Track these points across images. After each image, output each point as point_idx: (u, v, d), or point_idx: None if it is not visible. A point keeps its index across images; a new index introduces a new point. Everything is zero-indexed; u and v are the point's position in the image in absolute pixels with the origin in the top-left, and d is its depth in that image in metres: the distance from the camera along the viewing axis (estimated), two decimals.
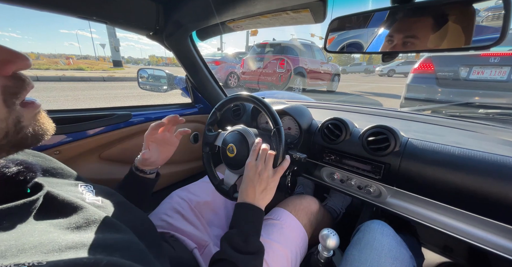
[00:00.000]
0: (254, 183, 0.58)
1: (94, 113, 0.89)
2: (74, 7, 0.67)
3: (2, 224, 0.26)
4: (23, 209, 0.29)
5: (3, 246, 0.24)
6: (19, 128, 0.28)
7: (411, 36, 0.53)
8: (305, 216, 0.77)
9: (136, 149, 1.01)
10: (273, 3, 0.67)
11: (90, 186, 0.47)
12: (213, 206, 0.84)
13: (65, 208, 0.34)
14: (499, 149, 0.64)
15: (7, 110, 0.27)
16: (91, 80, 9.25)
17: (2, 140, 0.27)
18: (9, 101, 0.27)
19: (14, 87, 0.28)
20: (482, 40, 0.47)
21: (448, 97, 2.82)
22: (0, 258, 0.22)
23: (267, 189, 0.59)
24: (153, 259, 0.36)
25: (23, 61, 0.28)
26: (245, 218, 0.55)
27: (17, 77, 0.28)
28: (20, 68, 0.28)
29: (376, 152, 0.71)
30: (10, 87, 0.27)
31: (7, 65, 0.27)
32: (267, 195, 0.60)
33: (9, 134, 0.28)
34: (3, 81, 0.27)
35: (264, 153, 0.61)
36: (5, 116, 0.27)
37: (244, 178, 0.60)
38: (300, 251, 0.69)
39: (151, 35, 0.94)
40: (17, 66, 0.28)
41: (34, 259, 0.23)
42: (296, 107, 0.93)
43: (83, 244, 0.28)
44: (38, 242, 0.26)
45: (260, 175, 0.59)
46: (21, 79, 0.29)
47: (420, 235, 0.92)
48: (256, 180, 0.58)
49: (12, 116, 0.28)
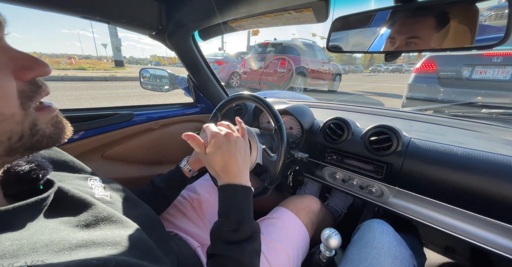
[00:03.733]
0: (233, 159, 0.48)
1: (96, 112, 0.89)
2: (78, 7, 0.67)
3: (14, 222, 0.27)
4: (34, 206, 0.30)
5: (15, 245, 0.24)
6: (35, 131, 0.29)
7: (414, 36, 0.53)
8: (307, 215, 0.77)
9: (138, 148, 1.02)
10: (276, 3, 0.67)
11: (99, 180, 0.47)
12: (215, 204, 0.84)
13: (75, 205, 0.35)
14: (502, 149, 0.64)
15: (23, 113, 0.27)
16: (93, 80, 9.28)
17: (17, 143, 0.28)
18: (25, 105, 0.28)
19: (30, 91, 0.28)
20: (485, 39, 0.47)
21: (451, 96, 2.80)
22: (12, 257, 0.23)
23: (245, 161, 0.51)
24: (161, 255, 0.36)
25: (43, 68, 0.29)
26: (231, 201, 0.48)
27: (34, 83, 0.29)
28: (40, 75, 0.29)
29: (378, 152, 0.71)
30: (26, 92, 0.28)
31: (27, 72, 0.28)
32: (247, 164, 0.52)
33: (24, 136, 0.28)
34: (21, 86, 0.27)
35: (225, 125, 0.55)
36: (21, 119, 0.27)
37: (213, 150, 0.49)
38: (301, 250, 0.69)
39: (153, 35, 0.94)
40: (37, 73, 0.29)
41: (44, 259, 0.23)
42: (298, 106, 0.93)
43: (93, 242, 0.29)
44: (49, 240, 0.26)
45: (236, 144, 0.50)
46: (38, 85, 0.29)
47: (422, 235, 0.92)
48: (234, 154, 0.48)
49: (28, 119, 0.28)
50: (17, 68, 0.27)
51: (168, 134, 1.12)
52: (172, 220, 0.75)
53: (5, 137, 0.26)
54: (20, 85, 0.27)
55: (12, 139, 0.27)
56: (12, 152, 0.28)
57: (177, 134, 1.15)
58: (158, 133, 1.07)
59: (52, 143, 0.32)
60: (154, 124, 1.05)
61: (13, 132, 0.27)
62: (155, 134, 1.06)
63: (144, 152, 1.04)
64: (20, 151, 0.29)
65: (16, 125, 0.27)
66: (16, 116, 0.27)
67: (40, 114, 0.30)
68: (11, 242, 0.24)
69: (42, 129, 0.30)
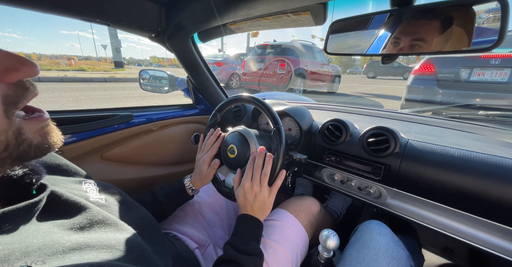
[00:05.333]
0: (252, 203, 0.60)
1: (96, 114, 0.89)
2: (78, 9, 0.68)
3: (4, 227, 0.26)
4: (25, 211, 0.29)
5: (6, 250, 0.23)
6: (20, 140, 0.27)
7: (420, 39, 0.53)
8: (306, 217, 0.77)
9: (137, 150, 1.02)
10: (274, 6, 0.68)
11: (94, 184, 0.47)
12: (214, 207, 0.85)
13: (69, 208, 0.34)
14: (498, 150, 0.65)
15: (7, 121, 0.26)
16: (93, 81, 9.28)
17: (3, 153, 0.26)
18: (9, 112, 0.26)
19: (15, 96, 0.27)
20: (482, 42, 0.47)
21: (449, 98, 2.82)
22: (3, 262, 0.22)
23: (264, 207, 0.62)
24: (156, 259, 0.36)
25: (30, 68, 0.27)
26: (246, 228, 0.59)
27: (21, 85, 0.27)
28: (27, 76, 0.27)
29: (376, 153, 0.71)
30: (11, 96, 0.26)
31: (11, 73, 0.26)
32: (265, 211, 0.63)
33: (10, 146, 0.27)
34: (4, 90, 0.25)
35: (259, 174, 0.62)
36: (5, 128, 0.26)
37: (240, 197, 0.62)
38: (300, 252, 0.69)
39: (153, 37, 0.95)
40: (23, 74, 0.27)
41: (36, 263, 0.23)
42: (297, 108, 0.93)
43: (87, 245, 0.28)
44: (42, 244, 0.26)
45: (256, 197, 0.60)
46: (24, 87, 0.27)
47: (420, 236, 0.92)
48: (252, 200, 0.60)
49: (12, 127, 0.26)
50: (1, 70, 0.25)
51: (167, 136, 1.12)
52: (171, 221, 0.75)
53: None
54: (4, 89, 0.25)
55: None
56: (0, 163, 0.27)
57: (176, 135, 1.16)
58: (157, 135, 1.08)
59: (41, 154, 0.30)
60: (154, 126, 1.05)
61: None
62: (155, 135, 1.07)
63: (143, 153, 1.04)
64: (8, 162, 0.28)
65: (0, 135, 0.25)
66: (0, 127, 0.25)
67: (25, 122, 0.28)
68: (2, 247, 0.23)
69: (28, 139, 0.28)
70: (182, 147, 1.20)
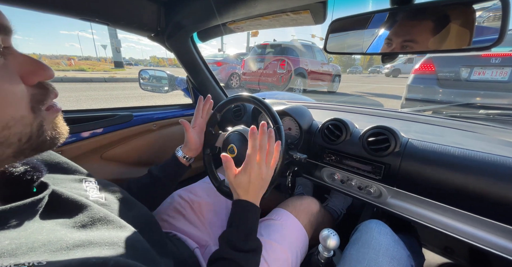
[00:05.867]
0: (256, 184, 0.55)
1: (95, 113, 0.89)
2: (77, 9, 0.67)
3: (10, 222, 0.27)
4: (30, 207, 0.30)
5: (13, 244, 0.24)
6: (41, 131, 0.30)
7: (410, 40, 0.53)
8: (306, 216, 0.77)
9: (137, 149, 1.02)
10: (273, 5, 0.67)
11: (95, 182, 0.47)
12: (214, 207, 0.85)
13: (70, 208, 0.35)
14: (499, 149, 0.65)
15: (33, 115, 0.29)
16: (93, 81, 9.28)
17: (25, 144, 0.29)
18: (35, 108, 0.29)
19: (40, 94, 0.30)
20: (482, 41, 0.47)
21: (449, 97, 2.82)
22: (11, 256, 0.23)
23: (263, 186, 0.58)
24: (157, 257, 0.36)
25: (47, 72, 0.30)
26: (244, 216, 0.55)
27: (42, 86, 0.31)
28: (44, 78, 0.30)
29: (376, 152, 0.71)
30: (37, 95, 0.30)
31: (33, 76, 0.29)
32: (263, 192, 0.59)
33: (32, 137, 0.29)
34: (30, 90, 0.29)
35: (265, 150, 0.56)
36: (31, 122, 0.29)
37: (243, 176, 0.55)
38: (300, 251, 0.69)
39: (152, 36, 0.94)
40: (41, 77, 0.30)
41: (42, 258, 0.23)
42: (297, 107, 0.93)
43: (90, 242, 0.29)
44: (47, 240, 0.26)
45: (263, 178, 0.56)
46: (46, 88, 0.31)
47: (420, 235, 0.92)
48: (258, 181, 0.56)
49: (37, 120, 0.29)
50: (25, 73, 0.28)
51: (167, 135, 1.12)
52: (171, 221, 0.75)
53: (15, 139, 0.27)
54: (30, 90, 0.29)
55: (22, 140, 0.28)
56: (19, 153, 0.29)
57: (176, 135, 1.16)
58: (157, 134, 1.08)
59: (54, 144, 0.33)
60: (153, 125, 1.05)
61: (23, 134, 0.28)
62: (154, 135, 1.07)
63: (143, 153, 1.04)
64: (26, 153, 0.30)
65: (25, 128, 0.28)
66: (25, 118, 0.28)
67: (47, 113, 0.31)
68: (10, 241, 0.24)
69: (46, 130, 0.31)
70: None
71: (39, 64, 0.29)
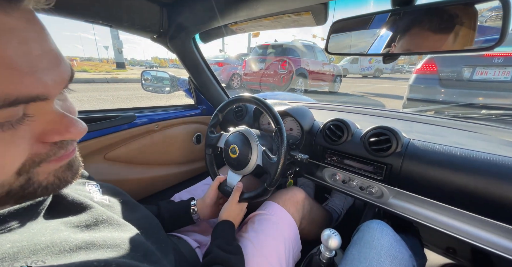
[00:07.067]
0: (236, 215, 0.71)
1: (98, 114, 0.90)
2: (81, 11, 0.68)
3: (12, 224, 0.27)
4: (31, 210, 0.30)
5: (15, 247, 0.24)
6: (27, 186, 0.25)
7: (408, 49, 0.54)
8: (292, 205, 0.79)
9: (139, 150, 1.03)
10: (275, 6, 0.68)
11: (97, 185, 0.48)
12: None
13: (75, 208, 0.35)
14: (501, 150, 0.64)
15: (16, 177, 0.24)
16: (95, 82, 9.32)
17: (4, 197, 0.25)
18: (23, 170, 0.24)
19: (45, 154, 0.25)
20: (484, 41, 0.47)
21: (451, 97, 2.80)
22: (13, 260, 0.23)
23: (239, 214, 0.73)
24: (160, 257, 0.36)
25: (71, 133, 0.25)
26: (227, 230, 0.65)
27: (59, 144, 0.26)
28: (67, 138, 0.26)
29: (378, 153, 0.71)
30: (40, 155, 0.24)
31: (52, 135, 0.24)
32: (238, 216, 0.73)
33: (11, 192, 0.24)
34: (36, 148, 0.24)
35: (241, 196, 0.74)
36: (10, 182, 0.24)
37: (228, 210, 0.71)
38: (292, 243, 0.70)
39: (155, 38, 0.95)
40: (63, 137, 0.25)
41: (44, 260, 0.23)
42: (298, 108, 0.93)
43: (93, 244, 0.29)
44: (50, 241, 0.26)
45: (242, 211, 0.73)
46: (61, 147, 0.26)
47: (422, 236, 0.92)
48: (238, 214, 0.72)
49: (21, 179, 0.24)
50: (47, 130, 0.24)
51: (169, 136, 1.13)
52: None
53: None
54: (37, 148, 0.24)
55: None
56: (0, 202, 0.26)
57: (178, 135, 1.16)
58: (159, 135, 1.08)
59: (46, 194, 0.28)
60: (156, 126, 1.06)
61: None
62: (157, 135, 1.07)
63: (145, 153, 1.05)
64: (10, 202, 0.27)
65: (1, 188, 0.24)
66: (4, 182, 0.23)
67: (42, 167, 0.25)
68: (11, 244, 0.24)
69: (37, 181, 0.26)
70: (184, 147, 1.21)
71: (69, 124, 0.25)
